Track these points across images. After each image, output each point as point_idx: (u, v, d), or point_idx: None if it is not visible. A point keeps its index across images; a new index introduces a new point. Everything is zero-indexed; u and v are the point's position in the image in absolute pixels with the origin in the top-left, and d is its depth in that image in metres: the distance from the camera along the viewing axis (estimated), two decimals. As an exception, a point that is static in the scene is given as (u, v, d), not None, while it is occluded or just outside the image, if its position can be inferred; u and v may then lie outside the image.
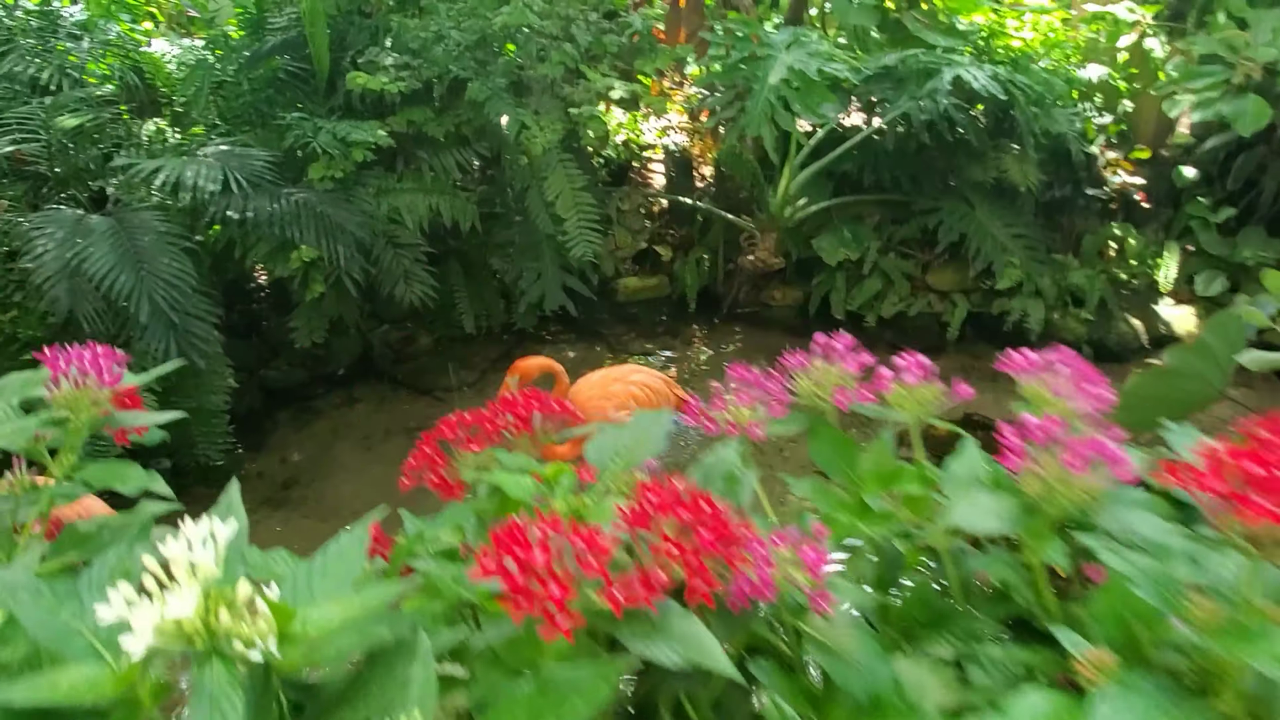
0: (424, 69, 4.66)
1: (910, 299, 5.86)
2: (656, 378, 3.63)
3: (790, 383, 1.18)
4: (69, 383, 0.92)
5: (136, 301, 3.79)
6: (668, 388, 3.62)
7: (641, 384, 3.55)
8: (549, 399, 1.02)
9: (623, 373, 3.63)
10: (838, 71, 4.32)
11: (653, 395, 3.55)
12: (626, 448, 0.97)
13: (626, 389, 3.54)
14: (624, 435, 0.99)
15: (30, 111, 4.17)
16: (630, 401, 3.52)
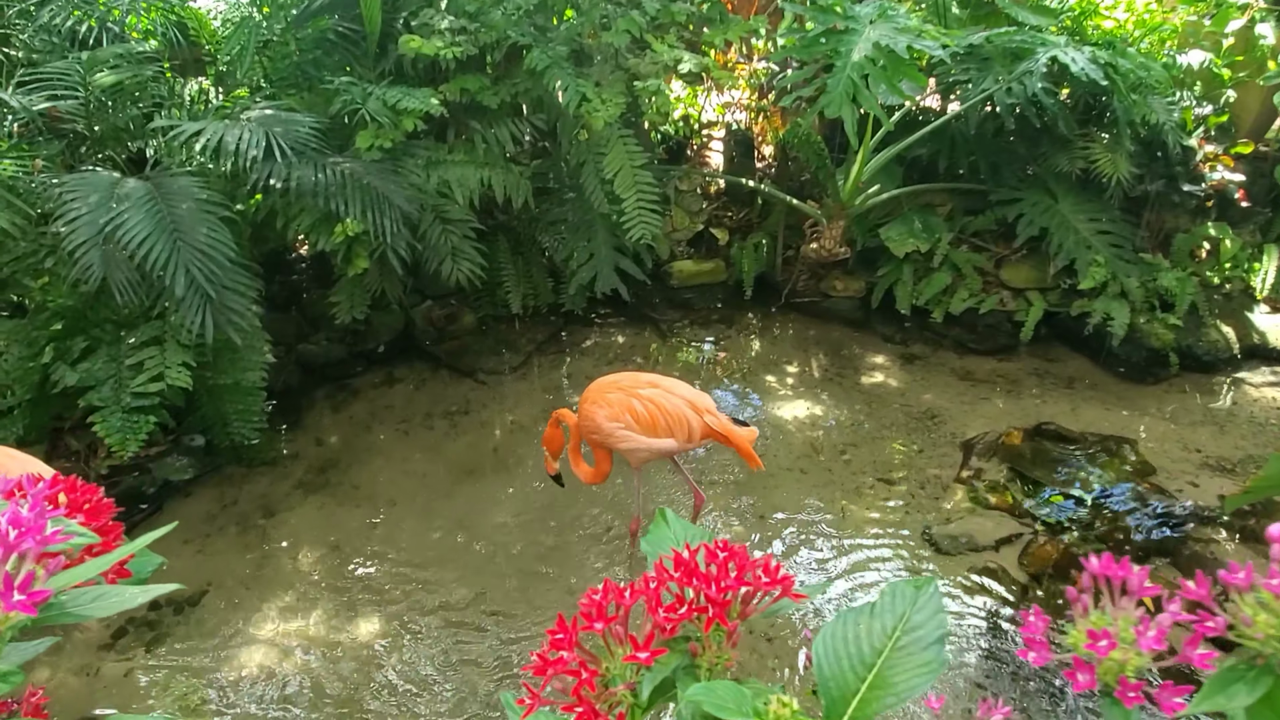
0: (481, 34, 4.37)
1: (981, 295, 5.50)
2: (674, 397, 3.17)
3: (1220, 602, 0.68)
4: None
5: (172, 273, 3.57)
6: (687, 412, 3.15)
7: (649, 400, 3.16)
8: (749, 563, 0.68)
9: (634, 382, 3.25)
10: (928, 48, 3.97)
11: (656, 415, 3.14)
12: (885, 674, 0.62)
13: (627, 400, 3.17)
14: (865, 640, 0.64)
15: (68, 66, 3.95)
16: (625, 415, 3.17)
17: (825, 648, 0.63)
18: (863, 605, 0.67)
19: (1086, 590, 0.62)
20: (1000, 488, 4.16)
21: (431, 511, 4.03)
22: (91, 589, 0.54)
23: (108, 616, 0.57)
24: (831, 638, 0.64)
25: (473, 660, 3.23)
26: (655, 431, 3.17)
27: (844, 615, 0.67)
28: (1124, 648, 0.60)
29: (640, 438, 3.18)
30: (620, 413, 3.18)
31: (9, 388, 3.73)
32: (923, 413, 4.82)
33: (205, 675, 3.15)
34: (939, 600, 0.65)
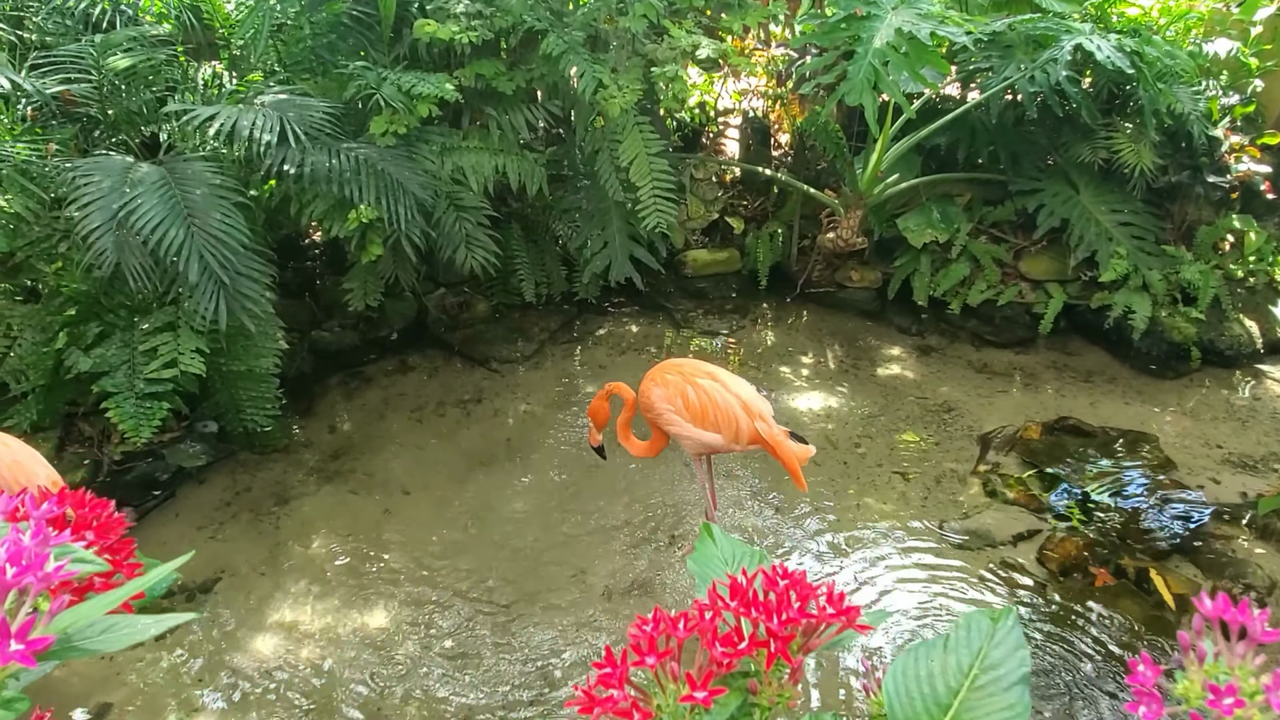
0: (496, 18, 4.31)
1: (1000, 287, 5.44)
2: (729, 394, 3.13)
3: None
4: None
5: (186, 259, 3.55)
6: (739, 412, 3.11)
7: (704, 390, 3.14)
8: (811, 591, 0.65)
9: (694, 370, 3.23)
10: (952, 35, 3.90)
11: (708, 406, 3.12)
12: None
13: (682, 385, 3.17)
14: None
15: (81, 49, 3.92)
16: (679, 399, 3.16)
17: (896, 686, 0.59)
18: (935, 639, 0.62)
19: (1200, 634, 0.55)
20: (1018, 482, 4.11)
21: (445, 500, 4.01)
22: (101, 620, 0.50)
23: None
24: (903, 675, 0.60)
25: (485, 650, 3.21)
26: (704, 423, 3.15)
27: (915, 650, 0.63)
28: (1250, 707, 0.53)
29: (687, 425, 3.18)
30: (674, 395, 3.18)
31: (23, 373, 3.72)
32: (939, 405, 4.77)
33: (219, 662, 3.15)
34: (1019, 634, 0.61)
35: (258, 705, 2.99)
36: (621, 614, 3.38)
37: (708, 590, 0.61)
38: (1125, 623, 3.34)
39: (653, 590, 3.52)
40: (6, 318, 3.78)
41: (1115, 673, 3.13)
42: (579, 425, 4.55)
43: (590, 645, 3.25)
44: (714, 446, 3.21)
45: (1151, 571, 3.55)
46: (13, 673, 0.45)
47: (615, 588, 3.51)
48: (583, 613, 3.39)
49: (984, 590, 3.52)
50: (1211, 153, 5.15)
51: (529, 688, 3.07)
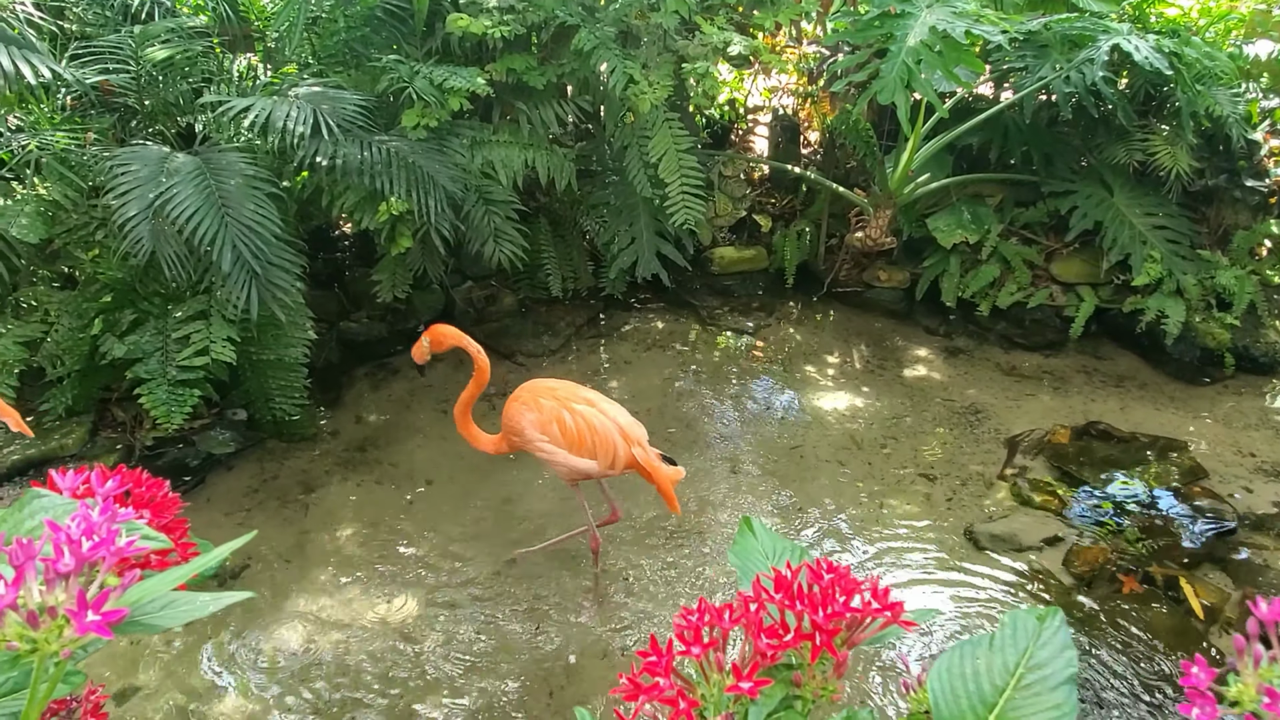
0: (529, 13, 4.32)
1: (1030, 289, 5.39)
2: (607, 419, 3.08)
3: None
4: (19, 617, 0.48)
5: (219, 248, 3.59)
6: (616, 438, 3.05)
7: (582, 416, 3.06)
8: (855, 585, 0.65)
9: (570, 394, 3.15)
10: (987, 34, 3.86)
11: (585, 433, 3.05)
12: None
13: (559, 411, 3.09)
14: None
15: (120, 40, 3.98)
16: (553, 426, 3.08)
17: (941, 683, 0.59)
18: (980, 637, 0.62)
19: (1254, 637, 0.54)
20: (1045, 487, 4.07)
21: (468, 492, 4.03)
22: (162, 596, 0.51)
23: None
24: (948, 673, 0.60)
25: (506, 641, 3.23)
26: (580, 450, 3.09)
27: (961, 648, 0.63)
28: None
29: (561, 452, 3.11)
30: (549, 422, 3.09)
31: (59, 358, 3.79)
32: (966, 408, 4.73)
33: (244, 646, 3.19)
34: (1065, 635, 0.61)
35: (282, 690, 3.03)
36: (641, 611, 3.39)
37: (751, 583, 0.61)
38: (1153, 631, 3.30)
39: (677, 587, 3.52)
40: (44, 304, 3.85)
41: (1143, 681, 3.09)
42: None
43: (609, 641, 3.26)
44: (588, 473, 3.15)
45: (1181, 580, 3.50)
46: (86, 644, 0.46)
47: (637, 584, 3.52)
48: (602, 609, 3.40)
49: (1008, 595, 3.49)
50: (1250, 156, 5.07)
51: (546, 679, 3.09)
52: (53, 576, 0.46)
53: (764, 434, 4.51)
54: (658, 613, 3.38)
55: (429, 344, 3.24)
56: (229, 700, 2.99)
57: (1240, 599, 3.42)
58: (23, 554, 0.44)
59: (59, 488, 0.58)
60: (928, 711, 0.60)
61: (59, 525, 0.46)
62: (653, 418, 4.59)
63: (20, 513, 0.56)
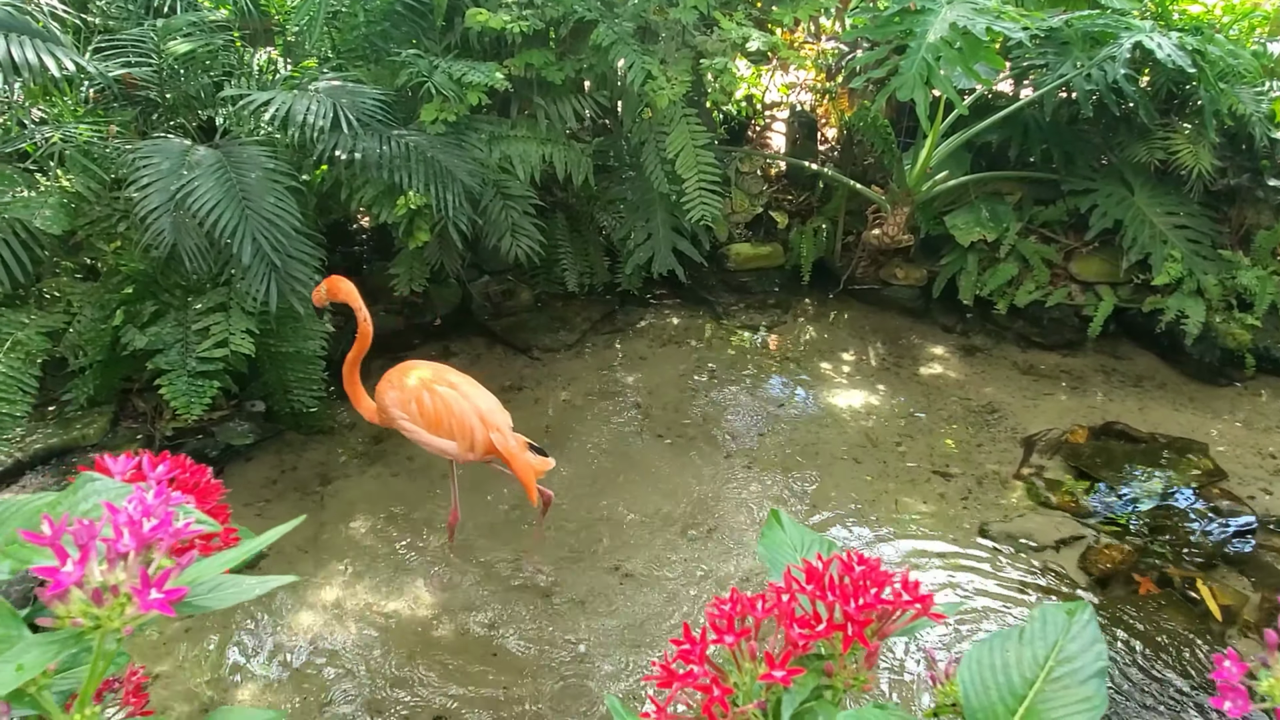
0: (548, 8, 4.33)
1: (1049, 288, 5.35)
2: (466, 403, 3.15)
3: None
4: (84, 595, 0.49)
5: (239, 241, 3.62)
6: (474, 421, 3.13)
7: (440, 397, 3.13)
8: (886, 577, 0.66)
9: (434, 376, 3.23)
10: (1008, 30, 3.84)
11: (443, 414, 3.11)
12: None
13: (419, 391, 3.15)
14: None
15: (143, 33, 4.01)
16: (412, 405, 3.16)
17: (971, 675, 0.60)
18: (1009, 630, 0.63)
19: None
20: (1062, 487, 4.05)
21: (484, 485, 4.05)
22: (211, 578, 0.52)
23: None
24: (978, 665, 0.60)
25: (522, 633, 3.25)
26: (437, 430, 3.17)
27: (990, 640, 0.63)
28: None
29: (420, 431, 3.19)
30: (408, 401, 3.18)
31: (82, 348, 3.82)
32: (982, 406, 4.72)
33: (262, 637, 3.22)
34: (1095, 629, 0.61)
35: (298, 680, 3.05)
36: (654, 603, 3.40)
37: (783, 574, 0.62)
38: (1169, 633, 3.28)
39: (689, 581, 3.53)
40: (67, 295, 3.88)
41: (1159, 683, 3.08)
42: (618, 416, 4.58)
43: (625, 634, 3.27)
44: (448, 453, 3.23)
45: (1198, 581, 3.48)
46: (147, 621, 0.47)
47: (651, 577, 3.53)
48: (617, 600, 3.41)
49: (1023, 594, 3.48)
50: (1273, 155, 5.02)
51: (563, 671, 3.10)
52: (113, 556, 0.47)
53: (778, 430, 4.51)
54: (667, 608, 3.39)
55: (325, 291, 3.32)
56: (247, 689, 3.02)
57: (1260, 601, 3.39)
58: (85, 534, 0.46)
59: (110, 471, 0.59)
60: (954, 704, 0.60)
61: (117, 507, 0.47)
62: (668, 413, 4.60)
63: (75, 495, 0.57)
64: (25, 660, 0.46)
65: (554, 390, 4.79)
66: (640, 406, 4.67)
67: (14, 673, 0.44)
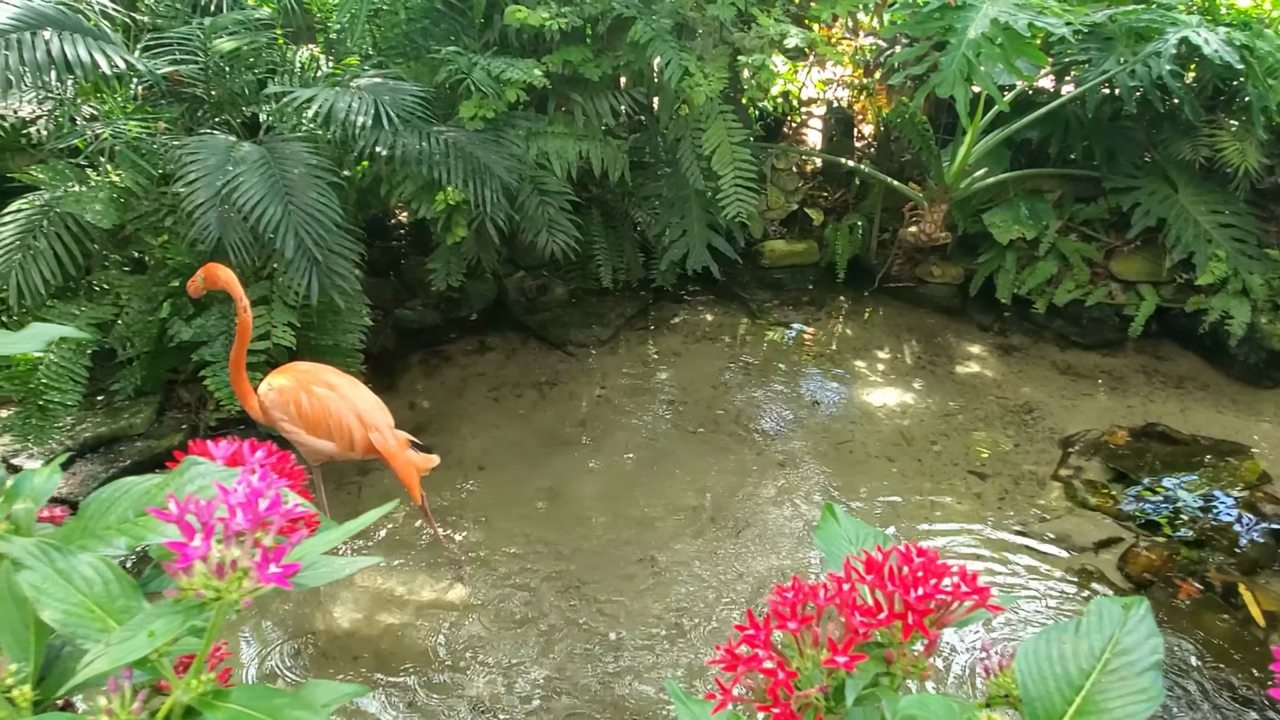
0: (586, 5, 4.35)
1: (1089, 287, 5.28)
2: (344, 403, 3.19)
3: None
4: (208, 569, 0.53)
5: (282, 236, 3.68)
6: (352, 422, 3.17)
7: (318, 398, 3.16)
8: (944, 569, 0.67)
9: (312, 377, 3.26)
10: (1051, 26, 3.79)
11: (321, 415, 3.15)
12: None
13: (297, 392, 3.18)
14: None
15: (190, 32, 4.09)
16: (290, 406, 3.18)
17: (1028, 665, 0.61)
18: (1065, 623, 0.64)
19: None
20: (1101, 488, 4.01)
21: (519, 478, 4.09)
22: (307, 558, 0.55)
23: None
24: (1034, 655, 0.62)
25: (556, 626, 3.28)
26: (316, 431, 3.19)
27: (1047, 632, 0.65)
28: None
29: (299, 431, 3.21)
30: (287, 401, 3.19)
31: (129, 340, 3.91)
32: (1020, 406, 4.67)
33: (298, 625, 3.28)
34: (1151, 623, 0.62)
35: (334, 668, 3.11)
36: (684, 596, 3.41)
37: (842, 565, 0.63)
38: (1210, 637, 3.24)
39: (722, 577, 3.54)
40: (116, 288, 3.98)
41: (1200, 687, 3.04)
42: (651, 412, 4.60)
43: (653, 630, 3.29)
44: (328, 454, 3.25)
45: (1240, 586, 3.43)
46: (263, 594, 0.50)
47: (682, 572, 3.54)
48: (649, 597, 3.43)
49: (1060, 597, 3.45)
50: (1324, 153, 4.91)
51: (594, 664, 3.13)
52: (229, 534, 0.50)
53: (812, 428, 4.50)
54: (695, 606, 3.40)
55: (202, 279, 3.26)
56: (284, 676, 3.08)
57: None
58: (204, 513, 0.49)
59: (213, 455, 0.62)
60: (1006, 695, 0.61)
61: (229, 489, 0.50)
62: (701, 409, 4.61)
63: (181, 477, 0.61)
64: (156, 628, 0.49)
65: (588, 385, 4.82)
66: (674, 402, 4.69)
67: (146, 639, 0.47)
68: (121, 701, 0.53)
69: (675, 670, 3.13)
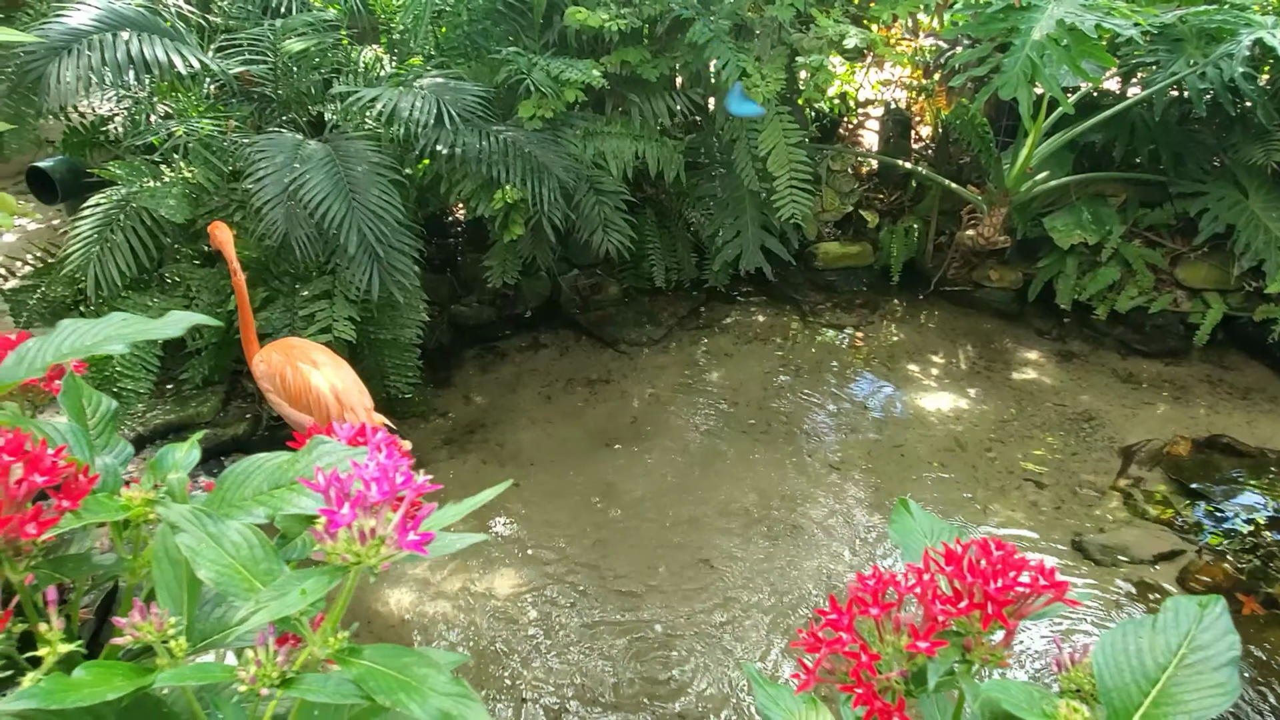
0: (645, 6, 4.38)
1: (1152, 293, 5.16)
2: (324, 382, 3.29)
3: None
4: (352, 533, 0.59)
5: (346, 231, 3.78)
6: (329, 401, 3.25)
7: (301, 374, 3.27)
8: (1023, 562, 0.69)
9: (301, 353, 3.37)
10: (1119, 27, 3.72)
11: (302, 391, 3.26)
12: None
13: (284, 365, 3.32)
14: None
15: (261, 33, 4.21)
16: (276, 378, 3.32)
17: (1105, 657, 0.63)
18: (1141, 619, 0.65)
19: None
20: (1161, 500, 3.92)
21: (571, 475, 4.14)
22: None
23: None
24: (1111, 648, 0.63)
25: (605, 619, 3.31)
26: (297, 405, 3.33)
27: (1123, 627, 0.66)
28: None
29: (283, 404, 3.36)
30: (274, 374, 3.34)
31: (198, 331, 4.05)
32: (1078, 414, 4.59)
33: (355, 613, 3.36)
34: (1227, 620, 0.63)
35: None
36: (736, 596, 3.42)
37: (921, 556, 0.65)
38: (1275, 656, 3.15)
39: (771, 577, 3.54)
40: (187, 280, 4.12)
41: (1259, 709, 2.96)
42: (703, 411, 4.61)
43: (702, 627, 3.30)
44: (307, 427, 3.30)
45: (1308, 604, 3.33)
46: (400, 559, 0.54)
47: (733, 571, 3.55)
48: (701, 595, 3.45)
49: (1117, 609, 3.39)
50: (1405, 159, 4.73)
51: (644, 660, 3.16)
52: (366, 506, 0.54)
53: (863, 431, 4.47)
54: (746, 605, 3.41)
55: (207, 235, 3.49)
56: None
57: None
58: (341, 487, 0.53)
59: (340, 436, 0.66)
60: (1078, 690, 0.62)
61: (360, 465, 0.54)
62: (752, 410, 4.61)
63: (309, 455, 0.66)
64: (308, 586, 0.54)
65: (640, 384, 4.85)
66: (725, 402, 4.70)
67: (300, 595, 0.52)
68: (267, 653, 0.58)
69: (727, 669, 3.14)
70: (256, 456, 0.68)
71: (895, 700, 0.59)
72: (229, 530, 0.60)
